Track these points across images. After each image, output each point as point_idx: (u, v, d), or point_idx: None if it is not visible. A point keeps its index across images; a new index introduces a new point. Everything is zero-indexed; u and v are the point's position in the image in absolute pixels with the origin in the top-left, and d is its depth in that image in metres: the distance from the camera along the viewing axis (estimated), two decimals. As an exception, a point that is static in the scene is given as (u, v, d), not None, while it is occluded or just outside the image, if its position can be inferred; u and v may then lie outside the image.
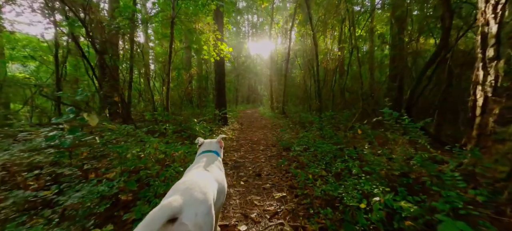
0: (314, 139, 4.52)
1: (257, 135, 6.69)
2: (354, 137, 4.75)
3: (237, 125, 8.73)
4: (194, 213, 0.94)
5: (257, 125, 8.97)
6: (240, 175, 3.20)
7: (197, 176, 1.27)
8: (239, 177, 3.12)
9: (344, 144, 4.10)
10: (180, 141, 4.47)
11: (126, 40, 8.00)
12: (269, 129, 7.97)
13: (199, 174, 1.33)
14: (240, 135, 6.58)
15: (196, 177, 1.26)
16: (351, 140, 4.45)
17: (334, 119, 6.14)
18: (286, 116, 11.35)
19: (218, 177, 1.43)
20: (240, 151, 4.65)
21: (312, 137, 4.81)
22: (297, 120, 8.25)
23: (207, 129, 5.68)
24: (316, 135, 5.14)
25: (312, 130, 5.57)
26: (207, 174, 1.36)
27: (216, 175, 1.43)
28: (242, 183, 2.86)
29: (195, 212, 0.94)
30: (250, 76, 26.57)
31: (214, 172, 1.44)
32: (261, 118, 11.84)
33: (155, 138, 3.43)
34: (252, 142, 5.67)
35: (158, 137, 3.96)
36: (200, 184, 1.13)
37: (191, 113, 10.08)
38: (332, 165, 3.01)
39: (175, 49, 12.20)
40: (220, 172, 1.55)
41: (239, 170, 3.42)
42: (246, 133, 7.11)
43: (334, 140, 4.23)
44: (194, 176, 1.29)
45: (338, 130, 5.47)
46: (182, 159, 3.12)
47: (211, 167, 1.50)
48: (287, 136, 5.45)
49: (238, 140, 5.98)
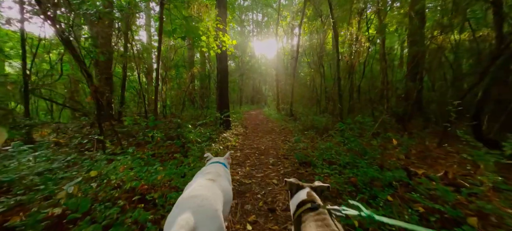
0: (339, 153, 3.56)
1: (264, 141, 5.76)
2: (384, 148, 3.77)
3: (241, 128, 7.82)
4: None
5: (263, 129, 8.04)
6: (246, 208, 2.27)
7: (206, 189, 1.22)
8: (245, 212, 2.19)
9: (379, 158, 3.15)
10: (170, 154, 3.57)
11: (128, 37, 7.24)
12: (277, 133, 7.03)
13: (207, 186, 1.27)
14: (244, 142, 5.65)
15: (205, 190, 1.20)
16: (383, 153, 3.47)
17: (357, 123, 5.17)
18: (294, 118, 10.40)
19: (225, 187, 1.41)
20: (245, 166, 3.72)
21: (335, 147, 3.85)
22: (308, 123, 7.28)
23: (205, 136, 4.78)
24: (337, 143, 4.19)
25: (333, 138, 4.61)
26: (214, 186, 1.32)
27: (223, 185, 1.40)
28: (249, 229, 1.92)
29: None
30: (255, 76, 25.72)
31: (221, 182, 1.41)
32: (266, 120, 10.91)
33: (132, 154, 2.52)
34: (259, 151, 4.75)
35: (140, 150, 3.08)
36: (211, 200, 1.11)
37: (192, 115, 9.26)
38: (380, 198, 2.06)
39: (175, 46, 11.43)
40: (226, 182, 1.52)
41: (244, 198, 2.49)
42: (252, 138, 6.19)
43: (369, 155, 3.26)
44: (202, 188, 1.22)
45: (359, 136, 4.50)
46: (165, 185, 2.21)
47: (218, 177, 1.47)
48: (302, 145, 4.51)
49: (243, 148, 5.06)
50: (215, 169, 1.56)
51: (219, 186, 1.34)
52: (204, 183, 1.29)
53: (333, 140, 4.52)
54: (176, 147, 3.87)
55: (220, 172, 1.55)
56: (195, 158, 3.24)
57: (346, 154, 3.44)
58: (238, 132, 7.01)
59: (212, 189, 1.25)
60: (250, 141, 5.82)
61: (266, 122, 10.43)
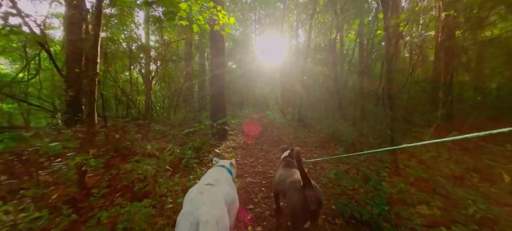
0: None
1: (273, 159, 4.12)
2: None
3: (241, 138, 6.17)
4: None
5: (268, 138, 6.39)
6: None
7: (212, 194, 1.23)
8: None
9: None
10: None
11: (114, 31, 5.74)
12: (287, 146, 5.38)
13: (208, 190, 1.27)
14: (245, 162, 4.01)
15: (211, 195, 1.22)
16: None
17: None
18: (304, 124, 8.75)
19: (228, 194, 1.40)
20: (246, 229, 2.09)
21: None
22: (328, 132, 5.62)
23: (188, 155, 3.14)
24: (418, 181, 2.55)
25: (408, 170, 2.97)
26: (214, 190, 1.30)
27: (224, 190, 1.39)
28: None
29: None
30: (257, 78, 24.17)
31: (222, 187, 1.41)
32: (271, 126, 9.27)
33: None
34: (266, 179, 3.11)
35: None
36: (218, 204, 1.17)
37: (183, 119, 7.70)
38: None
39: (170, 39, 9.88)
40: (228, 187, 1.48)
41: None
42: (254, 154, 4.55)
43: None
44: (203, 194, 1.21)
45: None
46: None
47: (220, 182, 1.44)
48: (334, 172, 2.87)
49: (242, 172, 3.42)
50: (215, 174, 1.56)
51: (219, 190, 1.33)
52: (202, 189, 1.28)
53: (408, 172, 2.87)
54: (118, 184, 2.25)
55: (222, 178, 1.52)
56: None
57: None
58: (236, 143, 5.36)
59: (212, 194, 1.24)
60: (252, 159, 4.18)
61: (271, 128, 8.79)
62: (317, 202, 1.36)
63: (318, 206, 1.38)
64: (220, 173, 1.61)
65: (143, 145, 2.85)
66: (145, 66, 8.88)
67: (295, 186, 1.46)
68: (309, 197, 1.34)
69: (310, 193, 1.35)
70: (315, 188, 1.40)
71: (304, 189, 1.38)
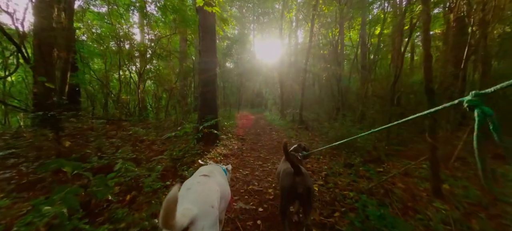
0: None
1: (274, 173, 3.30)
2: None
3: (235, 142, 5.34)
4: (201, 226, 0.99)
5: (266, 143, 5.58)
6: None
7: (204, 185, 1.25)
8: None
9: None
10: None
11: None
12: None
13: (204, 182, 1.29)
14: (236, 175, 3.18)
15: (203, 185, 1.24)
16: None
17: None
18: (306, 126, 7.96)
19: (222, 185, 1.43)
20: None
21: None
22: (337, 136, 4.82)
23: (155, 171, 2.31)
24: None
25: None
26: (211, 181, 1.33)
27: (219, 181, 1.42)
28: None
29: (202, 226, 0.99)
30: (255, 78, 23.35)
31: (217, 178, 1.45)
32: (270, 128, 8.45)
33: None
34: (265, 204, 2.30)
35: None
36: (210, 194, 1.18)
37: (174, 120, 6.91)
38: None
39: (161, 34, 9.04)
40: (222, 179, 1.53)
41: None
42: (250, 164, 3.72)
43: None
44: (201, 184, 1.25)
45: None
46: None
47: (214, 174, 1.48)
48: (353, 195, 2.07)
49: (232, 192, 2.60)
50: (210, 168, 1.57)
51: (215, 181, 1.36)
52: (199, 179, 1.30)
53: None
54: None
55: (215, 171, 1.55)
56: None
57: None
58: (228, 150, 4.52)
59: (210, 184, 1.27)
60: (247, 171, 3.35)
61: (270, 130, 7.98)
62: (304, 186, 1.52)
63: (306, 191, 1.52)
64: (214, 167, 1.66)
65: (91, 159, 2.03)
66: (140, 64, 8.00)
67: (287, 171, 1.63)
68: (298, 181, 1.53)
69: (298, 179, 1.54)
70: (305, 175, 1.58)
71: (294, 175, 1.55)
